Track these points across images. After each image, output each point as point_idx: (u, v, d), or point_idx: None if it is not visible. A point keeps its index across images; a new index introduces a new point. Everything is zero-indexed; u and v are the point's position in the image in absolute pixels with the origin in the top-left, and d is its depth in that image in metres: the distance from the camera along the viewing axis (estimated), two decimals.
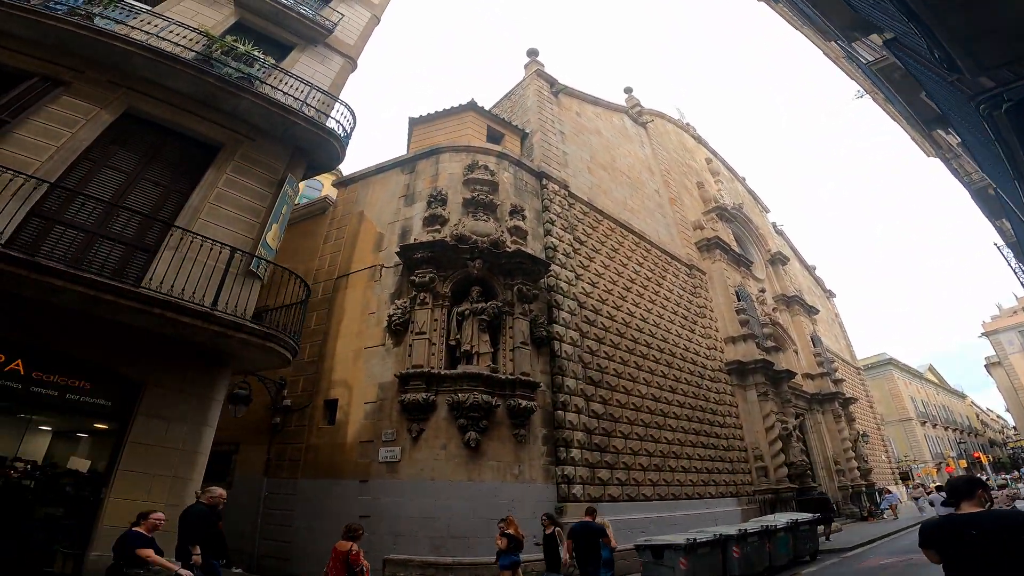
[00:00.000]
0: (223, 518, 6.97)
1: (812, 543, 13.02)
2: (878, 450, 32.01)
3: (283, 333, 8.95)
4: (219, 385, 8.90)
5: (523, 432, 12.16)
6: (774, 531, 11.43)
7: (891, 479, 31.73)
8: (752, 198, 32.90)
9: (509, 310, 13.23)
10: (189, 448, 8.14)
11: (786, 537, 11.82)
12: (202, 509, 6.45)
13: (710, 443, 17.38)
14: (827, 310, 35.45)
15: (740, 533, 10.34)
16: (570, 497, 12.25)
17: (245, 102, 9.68)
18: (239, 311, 8.44)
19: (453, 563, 10.25)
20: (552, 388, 13.28)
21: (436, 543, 10.53)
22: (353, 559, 6.36)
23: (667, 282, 19.36)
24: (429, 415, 11.73)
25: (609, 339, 15.49)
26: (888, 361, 47.78)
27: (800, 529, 12.57)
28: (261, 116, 9.98)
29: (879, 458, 31.43)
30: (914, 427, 46.84)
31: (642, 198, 21.37)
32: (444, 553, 10.34)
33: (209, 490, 6.80)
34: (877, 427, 33.74)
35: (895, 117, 21.36)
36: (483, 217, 14.05)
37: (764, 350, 20.95)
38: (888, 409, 46.41)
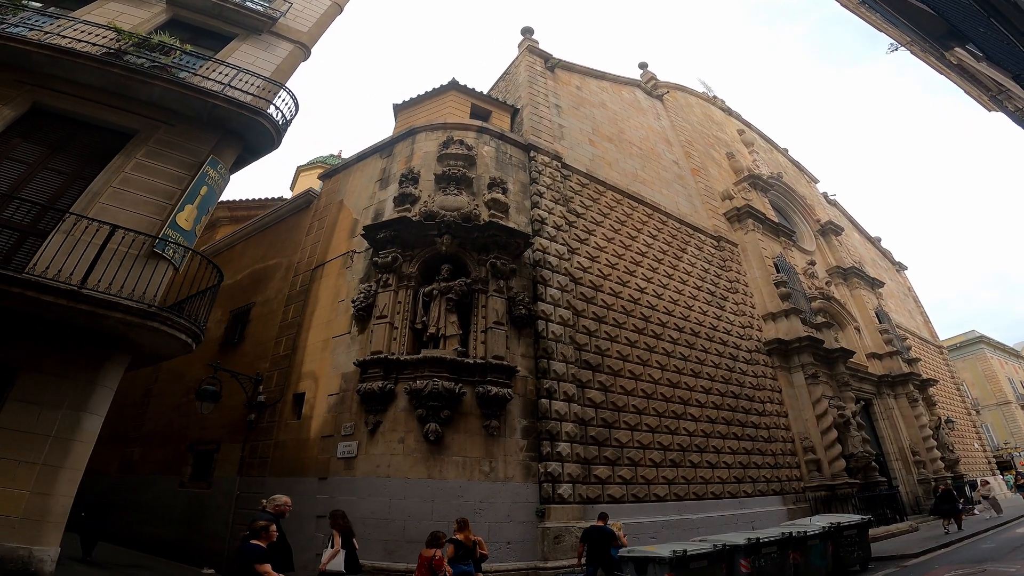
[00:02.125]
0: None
1: (861, 550, 9.87)
2: (969, 438, 26.46)
3: (175, 314, 7.55)
4: (109, 371, 7.72)
5: (496, 424, 10.12)
6: (802, 538, 8.53)
7: (987, 469, 26.05)
8: (797, 168, 28.84)
9: (482, 287, 11.30)
10: (64, 436, 7.07)
11: (821, 546, 8.89)
12: (268, 517, 5.91)
13: (746, 434, 14.34)
14: (897, 284, 30.28)
15: (750, 543, 7.64)
16: (555, 498, 10.04)
17: (158, 89, 9.09)
18: (138, 294, 7.31)
19: (406, 570, 8.53)
20: (536, 374, 11.14)
21: (390, 547, 8.91)
22: (437, 564, 6.39)
23: (688, 255, 16.57)
24: (388, 406, 10.05)
25: (612, 318, 13.09)
26: (979, 339, 40.27)
27: (843, 534, 9.51)
28: (178, 101, 9.30)
29: (970, 447, 25.97)
30: (1014, 411, 39.29)
31: (657, 169, 18.71)
32: (398, 558, 8.74)
33: (274, 499, 6.41)
34: (968, 412, 28.04)
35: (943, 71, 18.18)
36: (454, 192, 12.31)
37: (813, 327, 17.46)
38: (983, 392, 39.19)
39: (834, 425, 15.35)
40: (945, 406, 24.98)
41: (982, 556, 10.29)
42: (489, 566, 8.77)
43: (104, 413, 7.76)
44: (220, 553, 10.97)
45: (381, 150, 14.41)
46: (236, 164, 10.59)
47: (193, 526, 12.07)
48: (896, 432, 19.46)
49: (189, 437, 13.44)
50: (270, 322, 13.50)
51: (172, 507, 12.84)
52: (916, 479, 18.54)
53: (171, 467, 13.51)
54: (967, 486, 20.48)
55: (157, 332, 7.45)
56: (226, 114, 9.44)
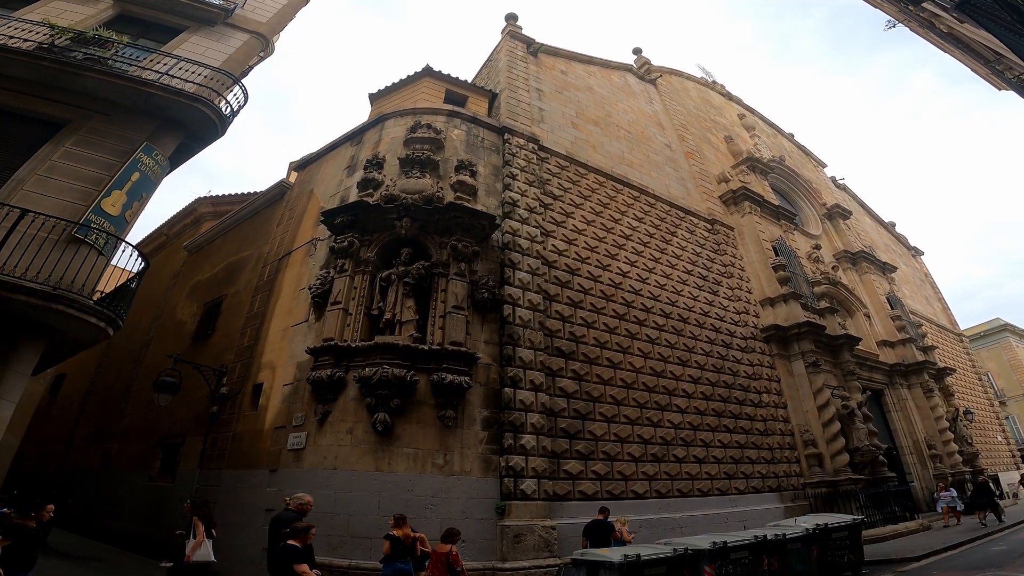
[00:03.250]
0: None
1: (852, 553, 8.63)
2: (991, 430, 24.37)
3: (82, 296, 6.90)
4: (22, 357, 7.17)
5: (452, 414, 9.24)
6: (780, 542, 7.39)
7: (1010, 463, 23.88)
8: (803, 153, 27.21)
9: (442, 271, 10.47)
10: None
11: (803, 550, 7.73)
12: (291, 516, 5.91)
13: (739, 426, 13.13)
14: (913, 269, 28.27)
15: (716, 547, 6.54)
16: (516, 494, 9.10)
17: (91, 80, 8.86)
18: (56, 280, 6.85)
19: (349, 567, 7.87)
20: (500, 361, 10.23)
21: (334, 543, 8.15)
22: (454, 559, 6.28)
23: (678, 239, 15.42)
24: (337, 395, 9.32)
25: (589, 303, 12.09)
26: (1003, 328, 37.36)
27: (832, 536, 8.30)
28: (114, 92, 9.04)
29: (992, 439, 23.94)
30: None
31: (646, 152, 17.60)
32: (341, 555, 8.01)
33: (297, 497, 6.32)
34: (991, 403, 25.88)
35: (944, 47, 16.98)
36: (417, 174, 11.57)
37: (816, 312, 16.09)
38: (1009, 383, 36.30)
39: (837, 417, 13.97)
40: (965, 397, 23.03)
41: (989, 560, 8.96)
42: None
43: (16, 399, 7.18)
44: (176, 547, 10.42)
45: (352, 138, 13.81)
46: (182, 152, 10.24)
47: (158, 520, 11.54)
48: (910, 424, 17.82)
49: (160, 432, 12.95)
50: (238, 313, 12.92)
51: (140, 502, 12.39)
52: (932, 474, 16.89)
53: (143, 462, 13.04)
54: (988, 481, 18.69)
55: (68, 316, 6.92)
56: (163, 102, 9.15)
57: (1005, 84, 15.91)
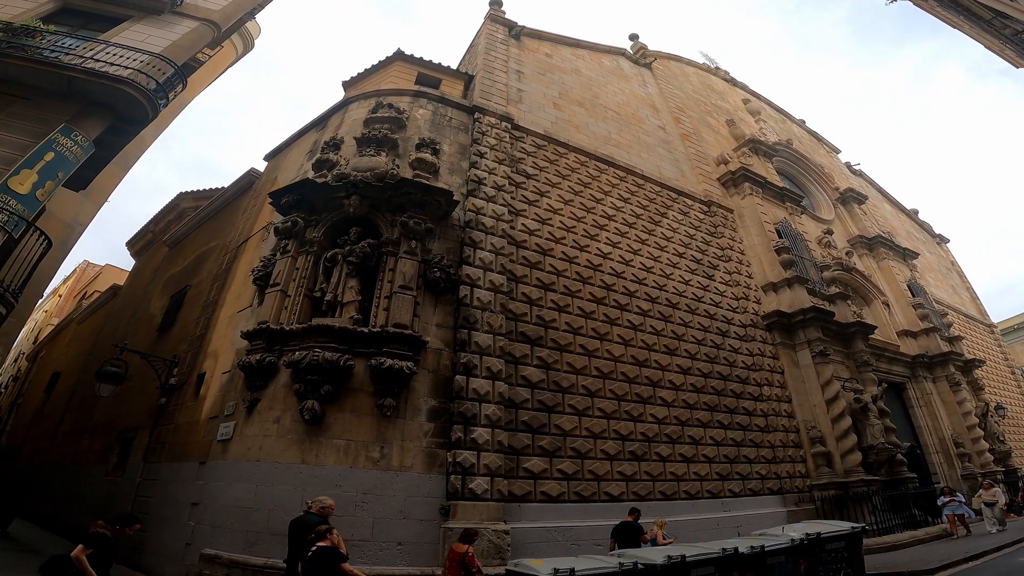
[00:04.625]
0: None
1: (849, 567, 7.03)
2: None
3: None
4: None
5: (392, 403, 8.11)
6: (757, 556, 5.94)
7: None
8: (815, 139, 25.28)
9: (392, 249, 9.42)
10: None
11: (787, 564, 6.29)
12: (315, 520, 5.64)
13: (735, 422, 11.58)
14: (938, 257, 25.81)
15: (671, 562, 5.18)
16: (464, 493, 7.89)
17: (10, 66, 8.60)
18: None
19: (264, 565, 6.89)
20: (454, 346, 9.06)
21: (251, 539, 7.21)
22: (469, 560, 6.16)
23: (668, 220, 14.01)
24: (268, 381, 8.37)
25: (563, 285, 10.83)
26: None
27: (825, 548, 6.77)
28: (35, 77, 8.80)
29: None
30: None
31: (636, 133, 16.28)
32: (258, 552, 7.06)
33: (318, 500, 6.05)
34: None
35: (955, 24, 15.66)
36: (371, 152, 10.72)
37: (825, 298, 14.39)
38: None
39: (848, 411, 12.23)
40: (997, 391, 20.56)
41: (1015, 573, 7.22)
42: (372, 569, 6.87)
43: None
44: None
45: (318, 124, 13.12)
46: (116, 135, 9.74)
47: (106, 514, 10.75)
48: (936, 420, 15.75)
49: (120, 426, 12.22)
50: (197, 304, 12.13)
51: (97, 496, 11.72)
52: (960, 474, 14.80)
53: (103, 457, 12.34)
54: (1021, 480, 16.39)
55: None
56: (86, 86, 8.84)
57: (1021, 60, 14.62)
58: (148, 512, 9.40)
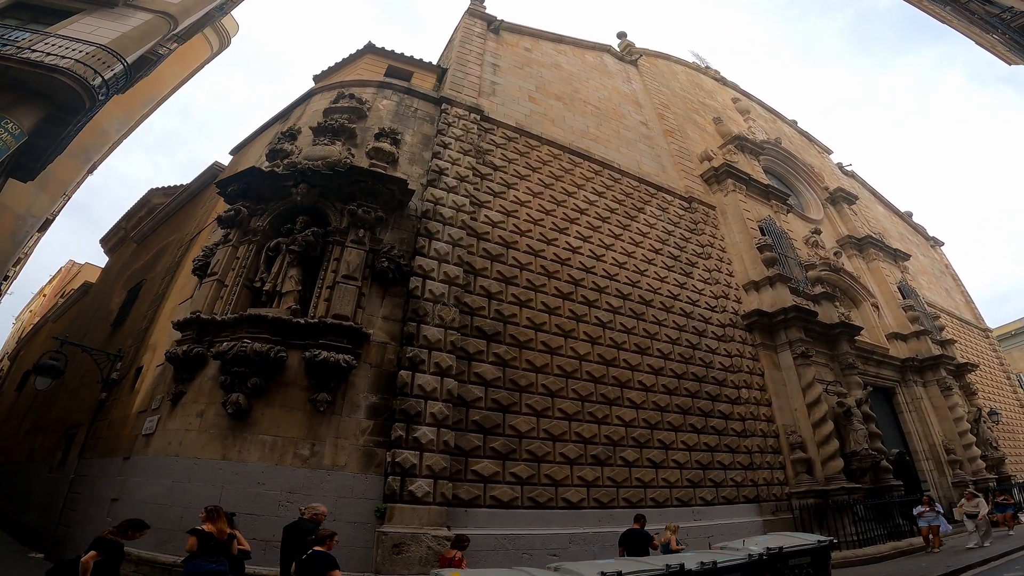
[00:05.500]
0: None
1: None
2: (1022, 433, 20.78)
3: None
4: None
5: (327, 398, 7.51)
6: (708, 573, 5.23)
7: None
8: (806, 140, 24.67)
9: (339, 239, 8.86)
10: None
11: None
12: (308, 526, 5.65)
13: (709, 425, 10.88)
14: (932, 260, 25.02)
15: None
16: (403, 496, 7.26)
17: None
18: None
19: (174, 564, 6.38)
20: (401, 340, 8.43)
21: (163, 536, 6.64)
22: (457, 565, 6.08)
23: (645, 215, 13.40)
24: (195, 374, 7.81)
25: (525, 279, 10.22)
26: None
27: (788, 564, 6.06)
28: None
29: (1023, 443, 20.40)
30: None
31: (616, 128, 15.74)
32: (170, 550, 6.54)
33: (312, 507, 6.05)
34: (1022, 405, 22.15)
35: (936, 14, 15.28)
36: (325, 141, 10.35)
37: (809, 298, 13.70)
38: None
39: (831, 416, 11.50)
40: (991, 397, 19.67)
41: None
42: None
43: None
44: (48, 538, 9.17)
45: (282, 116, 12.90)
46: (54, 124, 9.22)
47: (48, 512, 10.22)
48: (925, 426, 14.92)
49: (68, 422, 11.66)
50: (148, 298, 11.56)
51: (41, 493, 11.20)
52: (951, 481, 13.95)
53: (51, 453, 11.78)
54: (1015, 488, 15.47)
55: None
56: (21, 75, 8.42)
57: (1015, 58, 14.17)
58: (76, 509, 8.96)
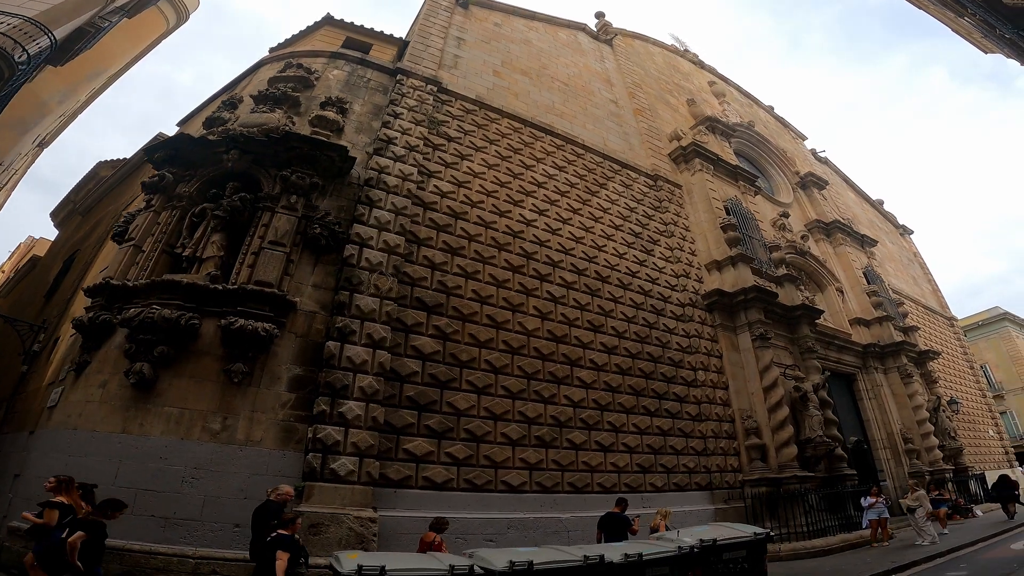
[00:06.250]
0: None
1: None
2: (983, 424, 20.99)
3: None
4: None
5: (243, 368, 6.95)
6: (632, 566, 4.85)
7: (1002, 461, 20.27)
8: (781, 125, 24.36)
9: (269, 205, 8.24)
10: None
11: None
12: (275, 507, 5.55)
13: (663, 408, 10.51)
14: (900, 248, 25.00)
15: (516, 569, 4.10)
16: (325, 474, 6.75)
17: None
18: None
19: None
20: (331, 310, 7.85)
21: None
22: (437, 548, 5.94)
23: (608, 191, 12.94)
24: (102, 342, 7.25)
25: (474, 250, 9.71)
26: (1002, 317, 33.14)
27: (723, 557, 5.68)
28: None
29: (983, 434, 20.58)
30: None
31: (584, 105, 15.19)
32: None
33: (278, 488, 5.86)
34: (983, 394, 22.45)
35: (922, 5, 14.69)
36: (265, 109, 9.92)
37: (772, 280, 13.37)
38: (1008, 375, 32.22)
39: (787, 401, 11.22)
40: (952, 386, 19.73)
41: None
42: (198, 551, 5.96)
43: None
44: None
45: (229, 88, 12.37)
46: None
47: None
48: (885, 414, 14.77)
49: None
50: (79, 267, 10.80)
51: None
52: (907, 471, 13.83)
53: None
54: (973, 480, 15.41)
55: None
56: None
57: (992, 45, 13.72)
58: None
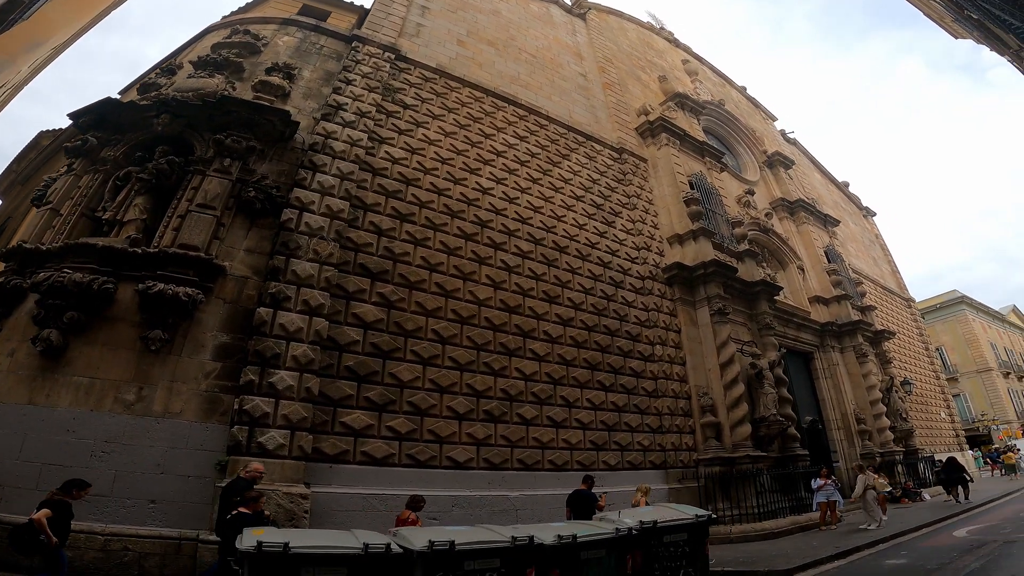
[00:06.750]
0: None
1: (691, 565, 5.59)
2: (935, 406, 21.33)
3: None
4: None
5: (163, 336, 6.52)
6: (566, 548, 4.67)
7: (952, 444, 20.61)
8: (752, 105, 24.14)
9: (200, 168, 7.69)
10: None
11: (609, 561, 4.92)
12: (243, 484, 5.42)
13: (619, 383, 10.33)
14: (863, 229, 25.22)
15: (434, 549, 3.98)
16: (251, 448, 6.41)
17: None
18: None
19: None
20: (266, 275, 7.39)
21: None
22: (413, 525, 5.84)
23: (570, 162, 12.59)
24: (13, 309, 6.74)
25: (425, 216, 9.33)
26: (960, 300, 33.88)
27: (663, 540, 5.46)
28: None
29: (935, 416, 20.92)
30: (995, 379, 32.53)
31: (551, 77, 14.70)
32: None
33: (248, 465, 5.84)
34: (936, 376, 22.86)
35: None
36: (204, 75, 9.39)
37: (732, 255, 13.23)
38: (963, 358, 33.19)
39: (743, 378, 11.12)
40: (907, 367, 20.03)
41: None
42: (108, 528, 5.59)
43: None
44: None
45: (175, 55, 11.58)
46: None
47: None
48: (840, 393, 14.84)
49: None
50: (7, 235, 10.08)
51: None
52: (859, 452, 13.93)
53: None
54: (922, 463, 15.51)
55: None
56: None
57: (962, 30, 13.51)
58: None
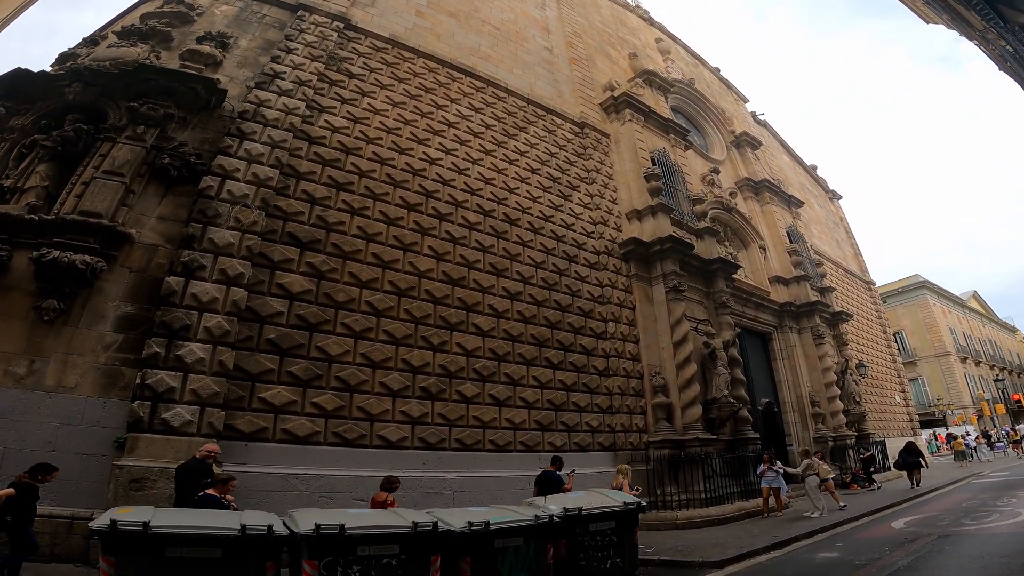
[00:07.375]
0: None
1: (620, 556, 5.32)
2: (891, 390, 21.43)
3: None
4: None
5: (59, 306, 6.03)
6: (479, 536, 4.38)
7: (906, 428, 20.75)
8: (724, 86, 23.63)
9: (112, 135, 7.07)
10: None
11: (525, 551, 4.61)
12: (193, 463, 5.29)
13: (568, 361, 10.02)
14: (828, 212, 25.14)
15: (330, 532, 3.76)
16: (155, 424, 5.99)
17: None
18: None
19: None
20: (179, 243, 6.84)
21: None
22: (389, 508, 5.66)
23: (527, 135, 12.08)
24: None
25: (364, 185, 8.85)
26: (921, 284, 34.24)
27: (589, 528, 5.20)
28: None
29: (891, 400, 21.02)
30: (952, 364, 32.92)
31: (514, 50, 14.04)
32: None
33: (203, 446, 5.57)
34: (893, 360, 22.98)
35: None
36: (126, 44, 8.65)
37: (692, 232, 12.92)
38: (922, 342, 33.56)
39: (696, 358, 10.87)
40: (864, 350, 20.05)
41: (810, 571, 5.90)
42: None
43: None
44: None
45: (108, 26, 10.48)
46: None
47: None
48: (796, 375, 14.66)
49: None
50: None
51: None
52: (812, 436, 13.86)
53: None
54: (873, 447, 15.13)
55: None
56: None
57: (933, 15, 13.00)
58: None
